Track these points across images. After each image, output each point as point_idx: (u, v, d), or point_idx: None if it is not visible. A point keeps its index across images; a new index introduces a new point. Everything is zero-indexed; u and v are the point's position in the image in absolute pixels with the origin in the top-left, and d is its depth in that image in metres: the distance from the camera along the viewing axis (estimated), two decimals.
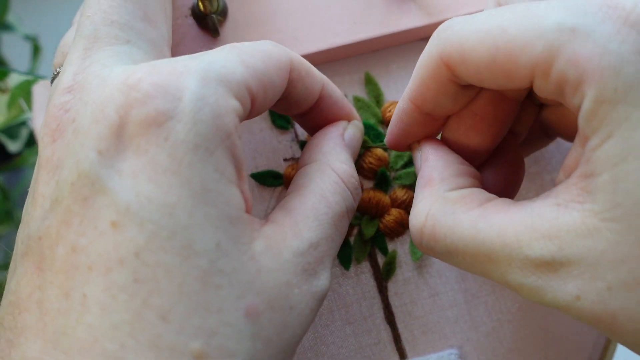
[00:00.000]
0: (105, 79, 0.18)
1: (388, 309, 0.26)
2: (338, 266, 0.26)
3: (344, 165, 0.23)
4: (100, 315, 0.16)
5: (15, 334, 0.17)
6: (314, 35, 0.27)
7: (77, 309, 0.16)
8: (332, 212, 0.21)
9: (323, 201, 0.21)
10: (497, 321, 0.26)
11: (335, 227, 0.21)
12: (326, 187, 0.22)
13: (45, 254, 0.17)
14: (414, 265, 0.27)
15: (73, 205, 0.17)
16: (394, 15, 0.27)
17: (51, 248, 0.17)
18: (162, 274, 0.16)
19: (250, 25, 0.27)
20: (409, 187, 0.27)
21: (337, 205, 0.21)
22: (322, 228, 0.20)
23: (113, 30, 0.20)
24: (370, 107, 0.28)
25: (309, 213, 0.20)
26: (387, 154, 0.27)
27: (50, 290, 0.17)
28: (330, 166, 0.22)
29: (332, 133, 0.24)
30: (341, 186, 0.22)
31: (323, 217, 0.21)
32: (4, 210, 0.45)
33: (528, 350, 0.26)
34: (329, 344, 0.26)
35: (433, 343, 0.26)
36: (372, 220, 0.27)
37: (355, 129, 0.25)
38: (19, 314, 0.17)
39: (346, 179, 0.22)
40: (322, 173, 0.22)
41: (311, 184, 0.22)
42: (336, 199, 0.21)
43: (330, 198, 0.21)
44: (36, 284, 0.17)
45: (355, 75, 0.28)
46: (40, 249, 0.17)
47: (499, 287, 0.26)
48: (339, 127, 0.24)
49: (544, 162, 0.27)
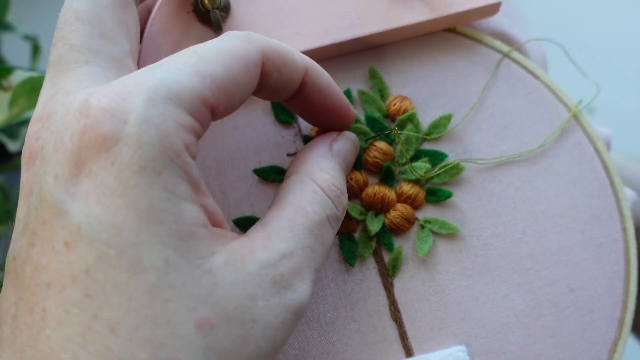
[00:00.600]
0: (67, 108, 0.19)
1: (394, 305, 0.26)
2: (343, 263, 0.26)
3: (325, 174, 0.22)
4: (56, 329, 0.17)
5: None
6: (317, 30, 0.27)
7: (39, 323, 0.17)
8: (308, 222, 0.21)
9: (299, 212, 0.21)
10: (505, 318, 0.26)
11: (314, 236, 0.20)
12: (304, 197, 0.21)
13: (18, 272, 0.19)
14: (420, 261, 0.26)
15: (37, 227, 0.18)
16: (397, 11, 0.27)
17: (22, 267, 0.18)
18: (111, 289, 0.17)
19: (252, 21, 0.27)
20: (415, 182, 0.27)
21: (314, 214, 0.21)
22: (297, 238, 0.20)
23: (72, 54, 0.21)
24: (375, 101, 0.27)
25: (283, 224, 0.20)
26: (392, 149, 0.27)
27: (21, 305, 0.18)
28: (310, 176, 0.22)
29: (318, 144, 0.24)
30: (320, 195, 0.22)
31: (299, 227, 0.20)
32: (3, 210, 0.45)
33: (536, 348, 0.26)
34: (334, 342, 0.26)
35: (440, 340, 0.26)
36: (377, 216, 0.26)
37: (345, 139, 0.25)
38: (0, 326, 0.19)
39: (326, 187, 0.22)
40: (301, 184, 0.22)
41: (289, 195, 0.21)
42: (314, 207, 0.21)
43: (307, 208, 0.21)
44: (12, 299, 0.19)
45: (359, 70, 0.28)
46: (15, 268, 0.19)
47: (506, 283, 0.26)
48: (326, 138, 0.24)
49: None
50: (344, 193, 0.23)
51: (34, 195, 0.19)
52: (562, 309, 0.26)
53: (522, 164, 0.27)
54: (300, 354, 0.25)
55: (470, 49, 0.28)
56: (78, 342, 0.17)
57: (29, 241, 0.18)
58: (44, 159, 0.19)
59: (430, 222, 0.26)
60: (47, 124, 0.19)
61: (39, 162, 0.19)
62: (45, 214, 0.18)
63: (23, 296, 0.18)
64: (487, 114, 0.28)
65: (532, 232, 0.27)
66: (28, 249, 0.18)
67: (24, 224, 0.19)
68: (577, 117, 0.28)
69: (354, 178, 0.26)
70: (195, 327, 0.17)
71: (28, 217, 0.19)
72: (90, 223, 0.17)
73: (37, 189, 0.19)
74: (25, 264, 0.18)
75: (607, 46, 0.94)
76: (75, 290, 0.17)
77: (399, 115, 0.27)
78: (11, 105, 0.35)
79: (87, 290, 0.17)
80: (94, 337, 0.17)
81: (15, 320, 0.18)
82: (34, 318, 0.18)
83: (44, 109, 0.20)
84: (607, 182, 0.27)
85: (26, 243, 0.18)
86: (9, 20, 0.46)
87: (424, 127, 0.27)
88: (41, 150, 0.19)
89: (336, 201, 0.22)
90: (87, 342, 0.17)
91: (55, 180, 0.18)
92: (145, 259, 0.17)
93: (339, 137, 0.24)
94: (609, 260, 0.26)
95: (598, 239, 0.27)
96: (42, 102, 0.20)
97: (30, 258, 0.18)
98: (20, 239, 0.19)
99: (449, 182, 0.27)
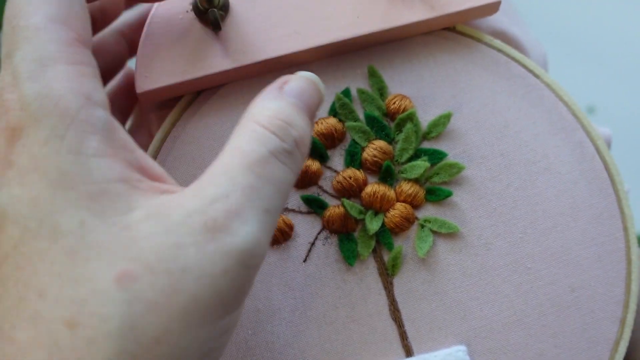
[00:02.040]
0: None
1: (394, 305, 0.26)
2: (342, 262, 0.26)
3: (266, 111, 0.20)
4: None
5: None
6: (316, 29, 0.27)
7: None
8: (246, 161, 0.19)
9: (235, 153, 0.19)
10: (506, 318, 0.26)
11: (256, 175, 0.19)
12: (242, 139, 0.20)
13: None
14: (420, 260, 0.26)
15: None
16: (397, 9, 0.27)
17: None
18: (36, 258, 0.18)
19: (251, 20, 0.27)
20: (414, 181, 0.27)
21: (253, 152, 0.19)
22: (232, 180, 0.19)
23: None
24: (374, 100, 0.27)
25: (216, 170, 0.19)
26: (391, 147, 0.27)
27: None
28: (251, 119, 0.20)
29: (266, 88, 0.22)
30: (259, 131, 0.20)
31: (235, 168, 0.19)
32: None
33: (537, 348, 0.25)
34: (333, 341, 0.25)
35: (440, 340, 0.26)
36: (377, 215, 0.26)
37: (297, 78, 0.22)
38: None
39: (267, 122, 0.20)
40: (241, 127, 0.20)
41: (229, 141, 0.20)
42: (252, 146, 0.19)
43: (244, 147, 0.19)
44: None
45: (358, 69, 0.28)
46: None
47: (507, 283, 0.26)
48: (276, 82, 0.22)
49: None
50: (296, 126, 0.20)
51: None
52: (562, 308, 0.26)
53: (523, 163, 0.27)
54: (299, 354, 0.25)
55: (470, 48, 0.28)
56: (14, 312, 0.18)
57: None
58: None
59: (430, 221, 0.26)
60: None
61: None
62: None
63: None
64: (487, 112, 0.27)
65: (533, 232, 0.26)
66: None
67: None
68: (576, 115, 0.28)
69: (354, 177, 0.26)
70: (115, 280, 0.18)
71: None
72: (13, 204, 0.18)
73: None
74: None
75: (607, 46, 0.94)
76: (8, 266, 0.18)
77: (399, 114, 0.27)
78: None
79: (17, 264, 0.18)
80: (26, 304, 0.18)
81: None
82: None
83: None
84: (608, 181, 0.27)
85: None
86: None
87: (424, 126, 0.27)
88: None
89: (281, 134, 0.20)
90: (20, 310, 0.18)
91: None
92: (62, 225, 0.18)
93: (292, 78, 0.22)
94: (610, 259, 0.26)
95: (599, 238, 0.26)
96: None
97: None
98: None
99: (449, 181, 0.27)
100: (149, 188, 0.19)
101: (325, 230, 0.26)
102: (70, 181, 0.18)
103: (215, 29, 0.26)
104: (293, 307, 0.26)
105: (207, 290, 0.18)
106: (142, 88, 0.26)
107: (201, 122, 0.27)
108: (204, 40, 0.27)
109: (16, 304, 0.18)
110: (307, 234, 0.26)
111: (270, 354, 0.25)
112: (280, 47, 0.26)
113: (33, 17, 0.20)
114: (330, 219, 0.26)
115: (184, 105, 0.27)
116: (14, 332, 0.18)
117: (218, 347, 0.19)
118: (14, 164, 0.19)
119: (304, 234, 0.26)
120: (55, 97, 0.19)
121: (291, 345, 0.25)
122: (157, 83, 0.26)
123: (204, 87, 0.27)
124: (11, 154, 0.19)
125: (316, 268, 0.26)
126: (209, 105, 0.27)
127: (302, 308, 0.26)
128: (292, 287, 0.26)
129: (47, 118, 0.19)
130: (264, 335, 0.25)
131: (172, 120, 0.27)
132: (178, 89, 0.27)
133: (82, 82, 0.20)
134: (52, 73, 0.19)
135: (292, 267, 0.26)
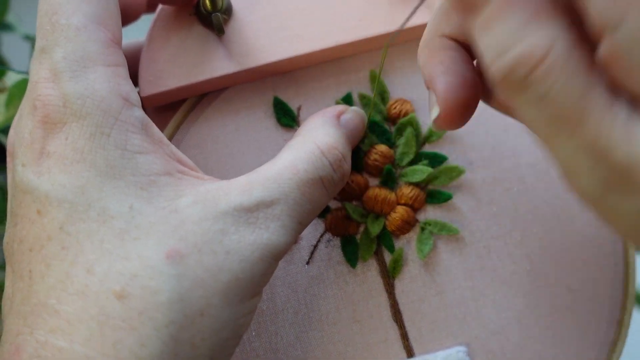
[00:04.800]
0: (22, 108, 0.22)
1: (395, 306, 0.26)
2: (344, 264, 0.26)
3: (328, 138, 0.23)
4: (41, 282, 0.19)
5: (4, 315, 0.21)
6: (318, 33, 0.27)
7: (27, 283, 0.20)
8: (297, 178, 0.21)
9: (291, 168, 0.21)
10: (505, 319, 0.26)
11: (301, 192, 0.21)
12: (300, 156, 0.22)
13: (9, 252, 0.21)
14: (420, 263, 0.27)
15: (16, 209, 0.21)
16: (399, 13, 0.27)
17: (11, 246, 0.21)
18: (84, 238, 0.19)
19: (254, 23, 0.27)
20: (415, 184, 0.27)
21: (305, 172, 0.21)
22: (281, 189, 0.21)
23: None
24: (375, 105, 0.27)
25: (269, 176, 0.21)
26: (392, 151, 0.27)
27: (14, 278, 0.20)
28: (312, 139, 0.23)
29: (326, 112, 0.25)
30: (316, 155, 0.22)
31: (286, 182, 0.21)
32: (3, 210, 0.45)
33: (535, 349, 0.26)
34: (335, 342, 0.26)
35: (440, 341, 0.26)
36: (378, 218, 0.27)
37: (353, 112, 0.25)
38: (4, 301, 0.21)
39: (326, 150, 0.22)
40: (302, 144, 0.22)
41: (285, 152, 0.22)
42: (305, 166, 0.22)
43: (299, 166, 0.22)
44: (10, 277, 0.21)
45: (360, 73, 0.28)
46: (8, 250, 0.21)
47: (506, 284, 0.26)
48: (335, 109, 0.25)
49: None
50: (346, 160, 0.23)
51: (10, 186, 0.21)
52: (561, 310, 0.26)
53: (523, 166, 0.27)
54: (302, 354, 0.26)
55: None
56: (60, 288, 0.19)
57: (13, 223, 0.21)
58: (14, 155, 0.21)
59: (430, 224, 0.27)
60: (15, 125, 0.22)
61: (11, 159, 0.22)
62: (19, 197, 0.20)
63: (15, 269, 0.20)
64: (487, 115, 0.28)
65: (532, 234, 0.27)
66: (13, 230, 0.21)
67: (9, 213, 0.21)
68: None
69: (355, 180, 0.27)
70: (165, 257, 0.19)
71: (11, 206, 0.21)
72: (56, 189, 0.19)
73: (11, 180, 0.21)
74: (13, 242, 0.20)
75: None
76: (52, 246, 0.19)
77: (400, 118, 0.27)
78: (8, 106, 0.35)
79: (62, 244, 0.19)
80: (73, 279, 0.19)
81: (13, 293, 0.20)
82: (24, 281, 0.20)
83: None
84: None
85: (12, 225, 0.21)
86: (9, 20, 0.46)
87: (424, 129, 0.28)
88: (12, 150, 0.22)
89: (335, 165, 0.22)
90: (67, 285, 0.19)
91: (22, 167, 0.20)
92: (111, 209, 0.19)
93: (347, 110, 0.25)
94: (608, 261, 0.27)
95: (597, 240, 0.27)
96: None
97: (15, 235, 0.20)
98: (9, 227, 0.21)
99: (449, 185, 0.27)
100: (191, 177, 0.21)
101: (327, 233, 0.27)
102: (118, 173, 0.20)
103: (218, 32, 0.26)
104: (296, 309, 0.26)
105: (246, 272, 0.20)
106: (146, 92, 0.26)
107: (204, 126, 0.27)
108: (207, 43, 0.27)
109: (62, 280, 0.19)
110: (310, 236, 0.27)
111: (273, 354, 0.26)
112: (283, 51, 0.27)
113: (73, 16, 0.21)
114: (332, 222, 0.27)
115: (187, 109, 0.28)
116: (60, 306, 0.19)
117: (245, 325, 0.21)
118: (52, 154, 0.20)
119: (307, 237, 0.27)
120: (98, 98, 0.20)
121: (294, 346, 0.26)
122: (161, 87, 0.26)
123: (207, 90, 0.27)
124: (48, 145, 0.20)
125: (319, 270, 0.26)
126: (212, 108, 0.28)
127: (305, 309, 0.26)
128: (296, 288, 0.26)
129: (90, 117, 0.20)
130: (268, 336, 0.26)
131: (176, 124, 0.27)
132: (182, 93, 0.27)
133: (119, 83, 0.21)
134: (93, 75, 0.20)
135: (296, 269, 0.26)
